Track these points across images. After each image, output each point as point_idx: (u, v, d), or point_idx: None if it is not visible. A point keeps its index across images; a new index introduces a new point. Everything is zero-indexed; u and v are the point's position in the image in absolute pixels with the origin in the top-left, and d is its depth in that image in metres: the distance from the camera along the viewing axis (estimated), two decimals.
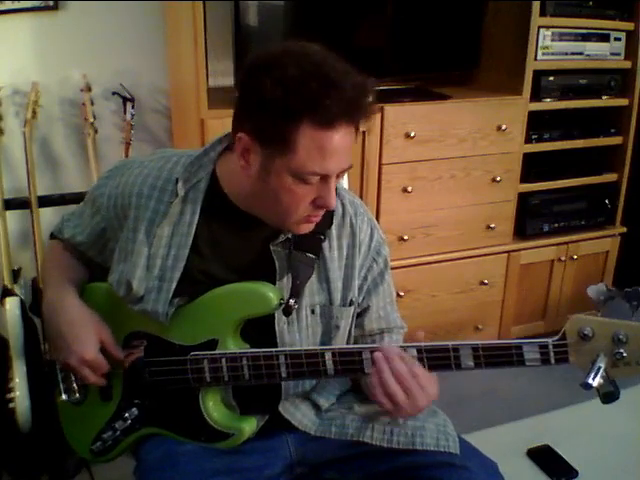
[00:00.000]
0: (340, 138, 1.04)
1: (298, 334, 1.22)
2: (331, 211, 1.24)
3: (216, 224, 1.21)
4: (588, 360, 1.04)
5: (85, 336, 1.20)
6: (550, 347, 1.07)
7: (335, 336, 1.25)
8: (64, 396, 1.33)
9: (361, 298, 1.30)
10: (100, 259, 1.33)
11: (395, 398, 1.08)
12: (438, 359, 1.10)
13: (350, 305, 1.27)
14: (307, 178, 1.07)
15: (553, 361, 1.07)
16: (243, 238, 1.21)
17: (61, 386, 1.33)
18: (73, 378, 1.32)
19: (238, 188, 1.17)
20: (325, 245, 1.24)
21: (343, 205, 1.28)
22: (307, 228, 1.17)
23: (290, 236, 1.20)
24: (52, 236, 1.42)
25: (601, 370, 1.02)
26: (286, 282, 1.20)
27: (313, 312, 1.24)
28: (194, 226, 1.19)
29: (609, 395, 1.04)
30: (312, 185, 1.08)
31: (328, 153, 1.05)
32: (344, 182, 1.65)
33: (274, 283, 1.19)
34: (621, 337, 1.03)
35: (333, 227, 1.25)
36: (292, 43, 1.09)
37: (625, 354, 1.03)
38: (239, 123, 1.10)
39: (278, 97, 1.02)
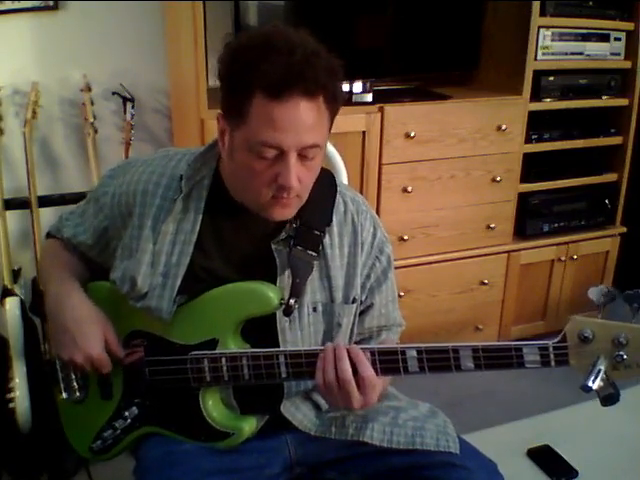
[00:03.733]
0: (294, 111, 1.03)
1: (300, 332, 1.23)
2: (331, 208, 1.24)
3: (219, 221, 1.21)
4: (588, 363, 1.04)
5: (91, 333, 1.20)
6: (550, 349, 1.06)
7: (337, 334, 1.25)
8: (64, 395, 1.33)
9: (364, 296, 1.30)
10: (101, 259, 1.33)
11: (331, 389, 1.10)
12: (438, 360, 1.10)
13: (352, 303, 1.27)
14: (260, 150, 1.06)
15: (553, 363, 1.07)
16: (245, 235, 1.22)
17: (61, 385, 1.34)
18: (73, 377, 1.32)
19: (230, 178, 1.18)
20: (326, 243, 1.23)
21: (345, 202, 1.27)
22: (281, 214, 1.15)
23: (291, 233, 1.20)
24: (49, 235, 1.41)
25: (601, 372, 1.01)
26: (287, 280, 1.20)
27: (315, 310, 1.24)
28: (198, 223, 1.19)
29: (609, 398, 1.04)
30: (268, 160, 1.07)
31: (279, 124, 1.03)
32: (343, 181, 1.66)
33: (275, 281, 1.19)
34: (621, 339, 1.02)
35: (334, 224, 1.24)
36: (267, 24, 1.12)
37: (625, 356, 1.03)
38: (220, 104, 1.12)
39: (227, 67, 1.06)
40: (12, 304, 1.96)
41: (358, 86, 2.34)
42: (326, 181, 1.26)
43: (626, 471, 2.02)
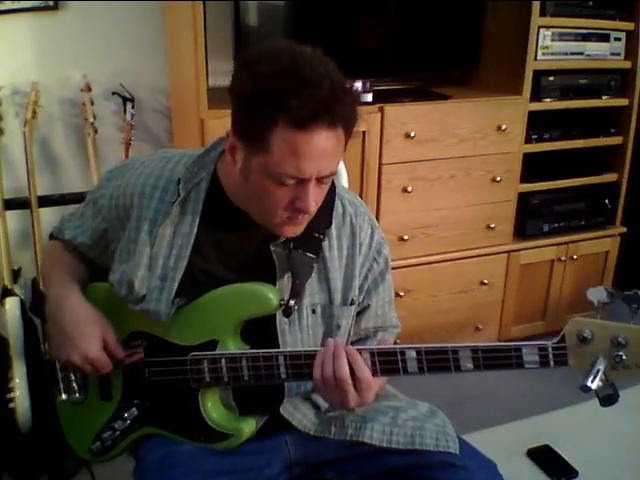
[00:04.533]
0: (317, 141, 1.03)
1: (299, 334, 1.23)
2: (330, 211, 1.24)
3: (217, 224, 1.21)
4: (587, 363, 1.04)
5: (89, 333, 1.20)
6: (549, 350, 1.06)
7: (336, 336, 1.25)
8: (64, 396, 1.33)
9: (361, 297, 1.30)
10: (101, 260, 1.33)
11: (328, 385, 1.10)
12: (437, 361, 1.10)
13: (351, 304, 1.27)
14: (282, 179, 1.06)
15: (552, 364, 1.07)
16: (244, 238, 1.21)
17: (61, 386, 1.34)
18: (73, 378, 1.32)
19: (235, 187, 1.17)
20: (325, 245, 1.24)
21: (343, 205, 1.28)
22: (292, 231, 1.16)
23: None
24: (51, 237, 1.42)
25: (600, 373, 1.01)
26: (286, 282, 1.20)
27: (314, 312, 1.24)
28: (196, 226, 1.19)
29: (608, 398, 1.04)
30: (288, 187, 1.08)
31: (302, 156, 1.03)
32: (344, 182, 1.65)
33: (274, 283, 1.19)
34: (620, 340, 1.02)
35: (333, 227, 1.25)
36: (283, 41, 1.09)
37: (625, 357, 1.03)
38: (231, 120, 1.11)
39: (248, 94, 1.03)
40: (12, 304, 1.96)
41: (358, 86, 2.31)
42: None
43: (626, 471, 2.03)
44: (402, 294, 2.49)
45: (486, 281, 2.66)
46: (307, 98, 0.99)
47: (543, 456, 2.10)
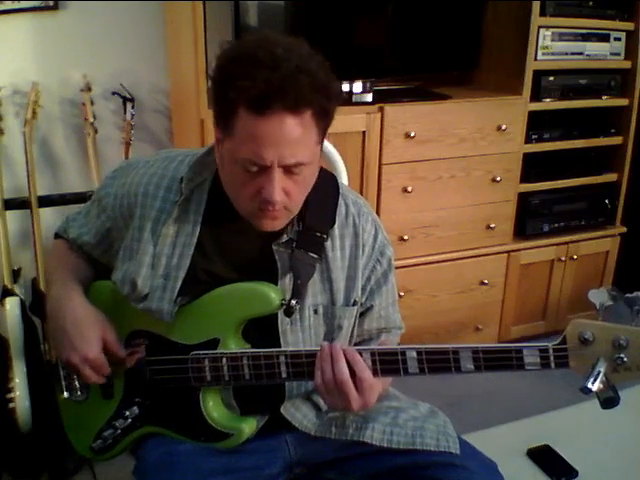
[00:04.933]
0: (277, 126, 1.01)
1: (301, 334, 1.23)
2: (333, 211, 1.24)
3: (220, 223, 1.21)
4: (588, 365, 1.03)
5: (89, 335, 1.20)
6: (550, 351, 1.06)
7: (338, 336, 1.25)
8: (66, 394, 1.33)
9: (364, 298, 1.30)
10: (105, 260, 1.33)
11: (330, 389, 1.10)
12: (438, 362, 1.10)
13: (353, 305, 1.27)
14: (245, 165, 1.05)
15: (553, 365, 1.07)
16: (246, 237, 1.21)
17: (63, 384, 1.33)
18: (75, 376, 1.32)
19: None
20: (328, 245, 1.23)
21: (346, 205, 1.27)
22: (269, 225, 1.13)
23: (293, 236, 1.20)
24: (57, 236, 1.42)
25: (601, 374, 1.01)
26: (288, 282, 1.20)
27: (316, 312, 1.24)
28: (198, 226, 1.20)
29: (609, 400, 1.04)
30: (253, 175, 1.06)
31: (260, 140, 1.02)
32: (343, 182, 1.65)
33: (276, 283, 1.19)
34: (622, 342, 1.02)
35: (336, 227, 1.24)
36: (267, 32, 1.10)
37: (626, 359, 1.02)
38: None
39: (215, 80, 1.05)
40: (12, 304, 1.96)
41: (358, 86, 2.34)
42: (328, 183, 1.26)
43: (626, 471, 2.03)
44: (402, 294, 2.49)
45: (486, 281, 2.66)
46: (257, 79, 0.99)
47: (543, 456, 2.09)
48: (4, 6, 2.24)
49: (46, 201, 2.26)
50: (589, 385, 1.01)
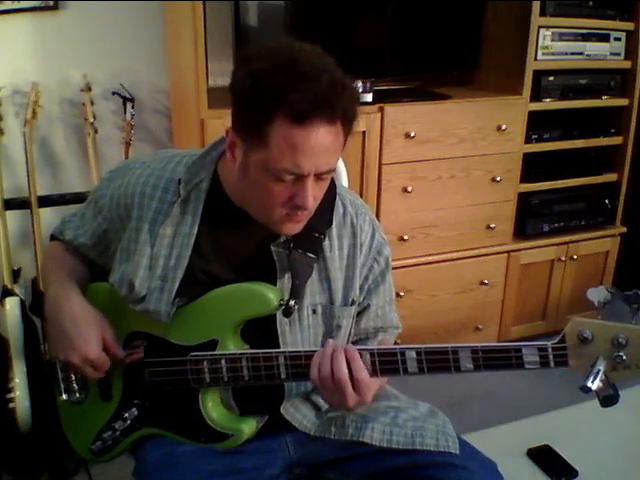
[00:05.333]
0: (315, 136, 1.03)
1: (300, 334, 1.23)
2: (331, 211, 1.24)
3: (218, 224, 1.21)
4: (587, 363, 1.04)
5: (88, 334, 1.20)
6: (549, 350, 1.06)
7: (337, 336, 1.26)
8: (65, 396, 1.33)
9: (362, 297, 1.30)
10: (102, 261, 1.33)
11: (326, 383, 1.11)
12: (437, 361, 1.10)
13: (352, 305, 1.27)
14: (280, 175, 1.06)
15: (552, 364, 1.07)
16: (244, 238, 1.21)
17: (61, 386, 1.33)
18: (74, 378, 1.32)
19: (235, 186, 1.17)
20: (326, 245, 1.24)
21: (344, 205, 1.28)
22: (291, 229, 1.16)
23: (290, 236, 1.20)
24: (52, 237, 1.42)
25: (600, 373, 1.01)
26: (286, 282, 1.20)
27: (314, 312, 1.24)
28: (196, 226, 1.19)
29: (608, 399, 1.04)
30: (287, 183, 1.07)
31: (301, 151, 1.03)
32: (344, 182, 1.65)
33: (274, 283, 1.19)
34: (621, 340, 1.02)
35: (334, 227, 1.25)
36: (284, 39, 1.10)
37: (625, 357, 1.03)
38: (231, 117, 1.11)
39: (247, 90, 1.04)
40: (12, 304, 1.96)
41: (358, 86, 2.34)
42: None
43: (626, 471, 2.03)
44: (402, 294, 2.49)
45: (486, 281, 2.66)
46: (305, 92, 0.99)
47: (543, 456, 2.09)
48: (4, 6, 2.24)
49: (46, 201, 2.26)
50: (589, 384, 1.01)
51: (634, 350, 1.02)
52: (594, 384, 1.01)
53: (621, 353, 1.03)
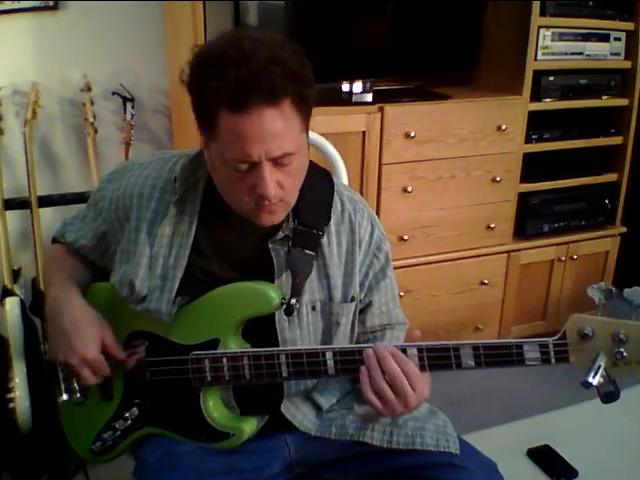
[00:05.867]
0: (258, 121, 1.00)
1: (299, 331, 1.23)
2: (329, 207, 1.24)
3: (215, 223, 1.21)
4: (588, 359, 1.04)
5: (87, 336, 1.20)
6: (550, 346, 1.07)
7: (336, 333, 1.25)
8: (65, 396, 1.33)
9: (363, 294, 1.30)
10: (103, 262, 1.33)
11: (384, 396, 1.08)
12: (439, 358, 1.10)
13: (351, 301, 1.27)
14: (234, 165, 1.05)
15: (553, 360, 1.07)
16: (242, 236, 1.21)
17: (62, 386, 1.33)
18: (74, 378, 1.31)
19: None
20: (324, 241, 1.23)
21: (342, 201, 1.27)
22: (267, 219, 1.13)
23: (289, 233, 1.20)
24: (54, 240, 1.42)
25: (601, 369, 1.02)
26: (285, 280, 1.20)
27: (314, 309, 1.24)
28: (194, 225, 1.20)
29: (609, 395, 1.04)
30: (244, 173, 1.06)
31: (244, 138, 1.01)
32: (344, 181, 1.65)
33: (272, 281, 1.20)
34: (621, 336, 1.03)
35: (332, 223, 1.24)
36: (240, 28, 1.10)
37: (625, 353, 1.03)
38: None
39: (189, 86, 1.05)
40: (12, 304, 1.96)
41: (358, 86, 2.34)
42: (323, 180, 1.27)
43: (626, 471, 2.02)
44: (402, 294, 2.49)
45: (486, 281, 2.66)
46: (230, 77, 0.98)
47: (543, 456, 2.09)
48: (4, 6, 2.24)
49: (46, 201, 2.26)
50: (589, 379, 1.01)
51: (634, 346, 1.03)
52: (595, 380, 1.01)
53: (621, 349, 1.03)
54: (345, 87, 2.34)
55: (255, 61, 0.98)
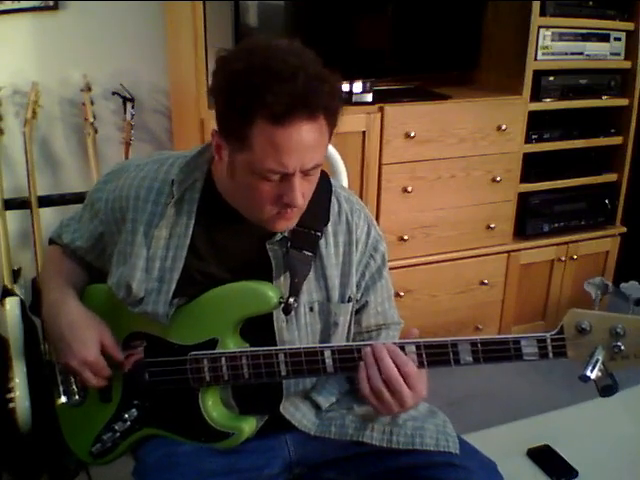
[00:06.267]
0: (297, 135, 1.02)
1: (297, 332, 1.23)
2: (327, 208, 1.24)
3: (213, 224, 1.21)
4: (586, 354, 1.05)
5: (86, 338, 1.20)
6: (548, 341, 1.07)
7: (334, 333, 1.26)
8: (64, 398, 1.33)
9: (359, 295, 1.30)
10: (99, 264, 1.33)
11: (381, 395, 1.09)
12: (437, 355, 1.11)
13: (348, 302, 1.27)
14: (266, 175, 1.06)
15: (551, 355, 1.07)
16: (240, 237, 1.21)
17: (60, 388, 1.33)
18: (73, 380, 1.32)
19: (226, 186, 1.18)
20: (322, 242, 1.24)
21: (339, 202, 1.28)
22: (283, 226, 1.16)
23: (286, 234, 1.20)
24: (51, 241, 1.42)
25: (599, 363, 1.02)
26: (283, 281, 1.20)
27: (311, 309, 1.24)
28: (191, 227, 1.20)
29: (607, 388, 1.04)
30: (274, 182, 1.07)
31: (284, 150, 1.03)
32: (344, 182, 1.66)
33: (270, 282, 1.20)
34: (619, 330, 1.03)
35: (329, 224, 1.25)
36: (260, 37, 1.10)
37: (623, 347, 1.04)
38: (215, 120, 1.11)
39: (225, 94, 1.04)
40: (12, 304, 1.96)
41: (358, 86, 2.34)
42: (321, 182, 1.26)
43: (626, 471, 2.02)
44: (402, 294, 2.49)
45: (486, 281, 2.66)
46: (281, 93, 0.99)
47: (543, 456, 2.09)
48: (4, 6, 2.24)
49: (46, 201, 2.26)
50: (587, 373, 1.02)
51: (632, 340, 1.03)
52: (593, 373, 1.02)
53: (619, 343, 1.04)
54: (345, 87, 2.34)
55: (302, 77, 1.00)
